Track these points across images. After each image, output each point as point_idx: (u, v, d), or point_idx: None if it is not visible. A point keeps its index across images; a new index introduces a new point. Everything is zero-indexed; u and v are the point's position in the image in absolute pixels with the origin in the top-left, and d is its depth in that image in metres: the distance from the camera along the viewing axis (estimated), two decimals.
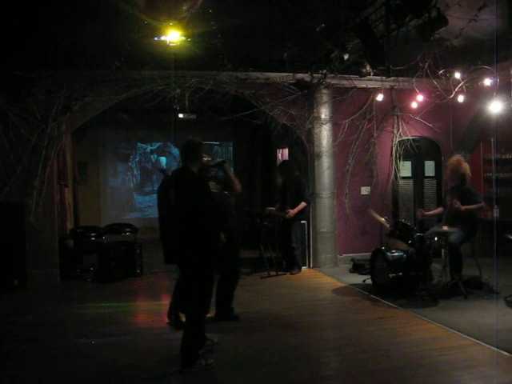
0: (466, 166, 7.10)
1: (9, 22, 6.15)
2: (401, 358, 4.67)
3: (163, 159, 13.51)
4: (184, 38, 6.48)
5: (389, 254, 6.70)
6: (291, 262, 8.56)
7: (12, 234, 7.54)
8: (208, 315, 4.67)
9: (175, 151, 13.16)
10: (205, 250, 4.36)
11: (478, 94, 8.38)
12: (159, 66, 7.85)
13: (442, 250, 6.75)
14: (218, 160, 5.64)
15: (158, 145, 13.28)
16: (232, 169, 13.76)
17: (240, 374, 4.37)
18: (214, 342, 4.84)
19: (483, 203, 6.89)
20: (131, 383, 4.26)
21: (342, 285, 7.65)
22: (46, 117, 7.82)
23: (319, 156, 8.83)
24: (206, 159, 5.47)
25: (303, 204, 8.39)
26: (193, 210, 4.35)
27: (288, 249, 8.55)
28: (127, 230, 9.27)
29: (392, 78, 8.54)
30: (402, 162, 9.41)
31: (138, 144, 13.23)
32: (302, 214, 8.53)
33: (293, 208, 8.36)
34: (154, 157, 13.36)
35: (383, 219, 7.43)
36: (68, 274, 8.31)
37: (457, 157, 7.38)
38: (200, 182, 4.54)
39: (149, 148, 13.39)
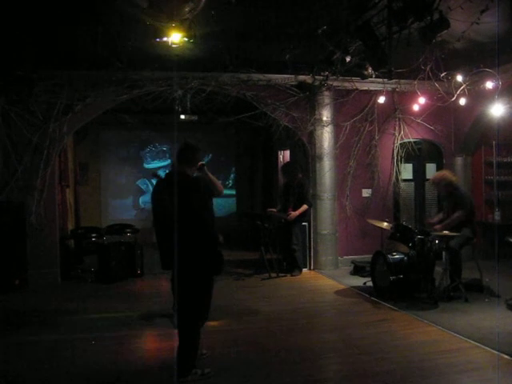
0: (449, 176, 7.11)
1: (11, 23, 6.15)
2: (401, 360, 4.66)
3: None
4: (186, 40, 6.48)
5: (389, 256, 6.70)
6: (292, 263, 8.55)
7: (13, 233, 7.55)
8: None
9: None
10: (202, 255, 4.22)
11: (479, 97, 8.38)
12: (161, 67, 7.87)
13: (443, 253, 6.75)
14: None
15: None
16: (233, 169, 13.81)
17: (239, 376, 4.36)
18: (202, 353, 4.62)
19: (461, 212, 6.77)
20: None
21: (343, 287, 7.64)
22: (47, 117, 7.84)
23: (320, 158, 8.84)
24: None
25: (305, 207, 8.39)
26: (189, 213, 4.21)
27: (288, 250, 8.54)
28: (128, 230, 9.26)
29: (394, 81, 8.55)
30: (403, 165, 9.42)
31: (140, 145, 13.23)
32: (304, 216, 8.53)
33: (294, 210, 8.36)
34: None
35: (385, 223, 7.40)
36: (69, 275, 8.32)
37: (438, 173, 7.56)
38: (196, 183, 4.42)
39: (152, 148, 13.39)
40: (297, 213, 8.32)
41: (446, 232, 6.56)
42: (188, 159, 4.48)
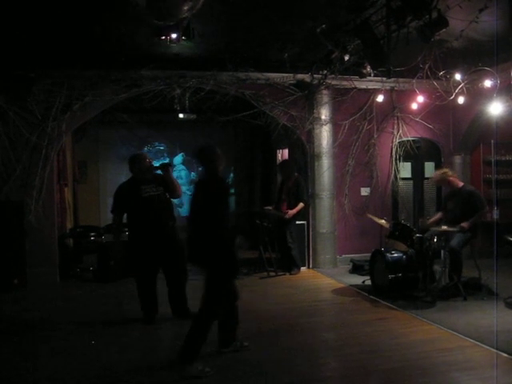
0: (449, 175, 7.12)
1: (10, 22, 6.14)
2: (399, 359, 4.67)
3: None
4: (185, 38, 6.47)
5: (388, 255, 6.71)
6: (290, 262, 8.56)
7: (12, 233, 7.55)
8: None
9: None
10: (221, 254, 4.42)
11: (478, 96, 8.38)
12: (160, 66, 7.87)
13: (442, 251, 6.75)
14: (163, 162, 5.92)
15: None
16: (232, 168, 13.79)
17: (237, 376, 4.35)
18: (242, 345, 4.85)
19: (485, 209, 6.91)
20: None
21: (342, 285, 7.65)
22: (46, 116, 7.82)
23: (319, 157, 8.84)
24: (148, 160, 5.77)
25: (301, 205, 8.39)
26: (213, 213, 4.42)
27: (285, 249, 8.54)
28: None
29: (392, 79, 8.54)
30: (401, 163, 9.42)
31: (139, 143, 13.20)
32: (299, 214, 8.53)
33: (290, 208, 8.36)
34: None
35: (383, 221, 7.42)
36: (67, 274, 8.31)
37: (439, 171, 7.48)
38: (224, 185, 4.62)
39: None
40: (294, 211, 8.32)
41: (444, 227, 6.56)
42: (212, 159, 4.59)
